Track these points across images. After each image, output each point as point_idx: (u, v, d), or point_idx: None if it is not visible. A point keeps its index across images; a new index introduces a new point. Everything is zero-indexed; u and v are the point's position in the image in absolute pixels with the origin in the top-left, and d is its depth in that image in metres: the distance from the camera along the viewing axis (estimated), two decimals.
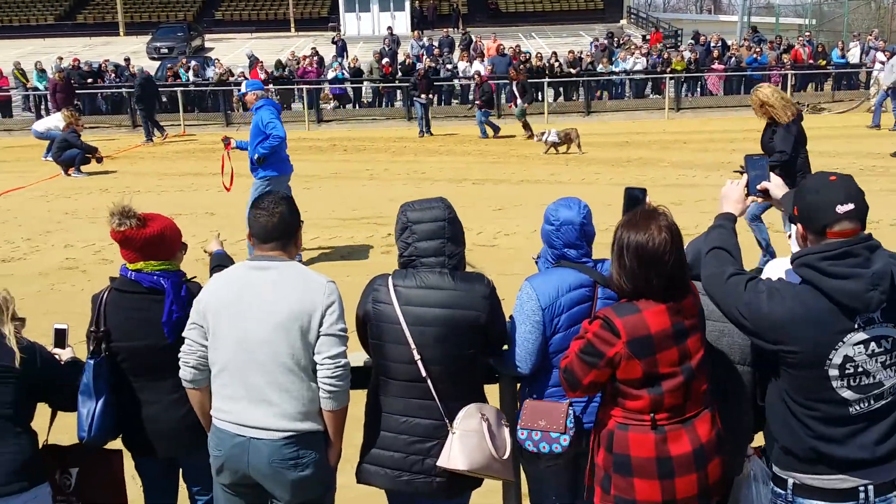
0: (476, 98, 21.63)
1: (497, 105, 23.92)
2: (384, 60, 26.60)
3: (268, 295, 3.13)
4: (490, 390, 3.52)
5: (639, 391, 2.82)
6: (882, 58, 22.71)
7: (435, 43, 30.71)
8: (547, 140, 17.58)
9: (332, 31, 36.56)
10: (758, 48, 27.08)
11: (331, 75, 26.37)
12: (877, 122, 19.85)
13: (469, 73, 25.29)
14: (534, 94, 22.91)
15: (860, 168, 14.15)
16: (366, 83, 27.05)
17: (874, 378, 2.62)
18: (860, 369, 2.60)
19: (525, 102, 20.66)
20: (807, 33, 34.29)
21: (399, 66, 26.80)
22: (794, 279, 2.69)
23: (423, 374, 3.15)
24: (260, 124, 8.85)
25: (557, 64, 26.41)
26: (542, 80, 25.03)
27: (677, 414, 2.83)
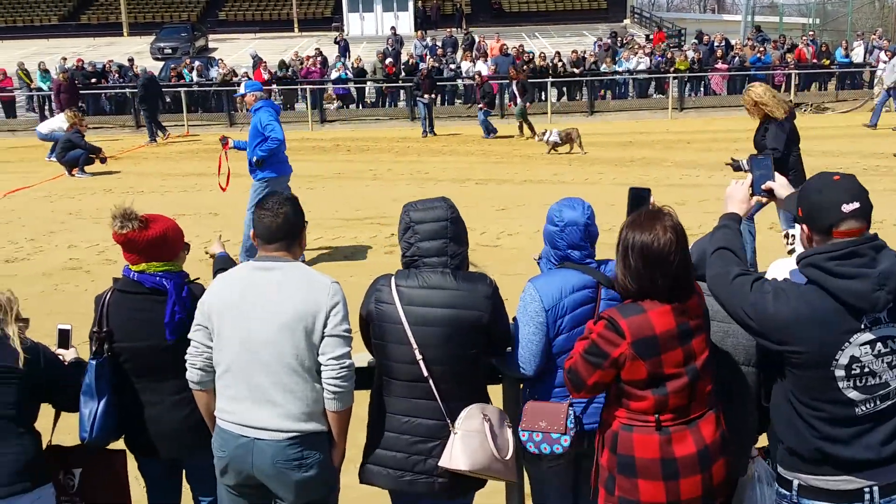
0: (478, 98, 21.63)
1: (501, 105, 23.93)
2: (387, 60, 26.62)
3: (272, 295, 3.13)
4: (494, 391, 3.52)
5: (643, 392, 2.81)
6: (885, 57, 22.67)
7: (438, 43, 30.71)
8: (549, 140, 17.58)
9: (336, 32, 36.56)
10: (761, 48, 27.03)
11: (334, 75, 26.39)
12: (874, 122, 19.66)
13: (472, 74, 25.27)
14: (534, 94, 22.88)
15: (863, 168, 14.12)
16: (369, 83, 27.07)
17: (880, 378, 2.61)
18: (866, 370, 2.59)
19: (525, 102, 20.64)
20: (810, 32, 34.32)
21: (402, 66, 26.80)
22: (799, 279, 2.68)
23: (425, 374, 3.15)
24: (259, 126, 8.84)
25: (561, 64, 26.40)
26: (546, 80, 25.02)
27: (682, 415, 2.82)
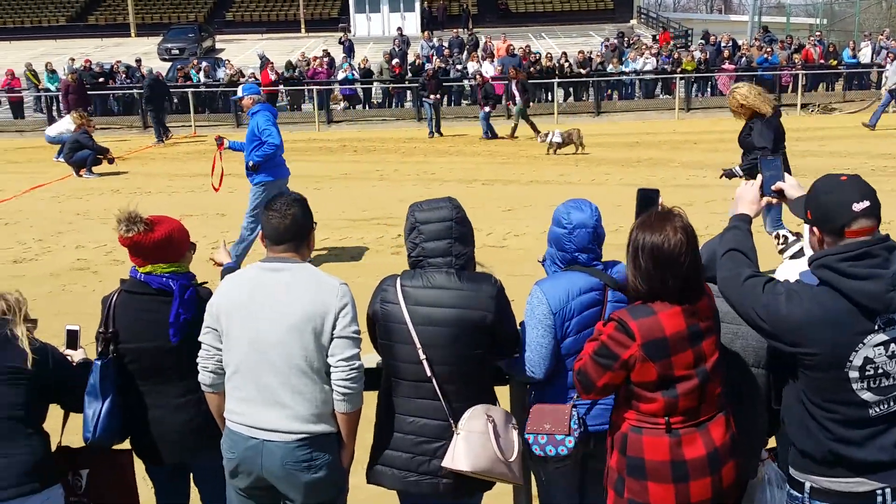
0: (479, 99, 21.62)
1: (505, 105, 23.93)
2: (394, 61, 26.64)
3: (280, 296, 3.12)
4: (502, 393, 3.50)
5: (653, 394, 2.79)
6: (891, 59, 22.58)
7: (445, 43, 30.72)
8: (551, 140, 17.60)
9: (342, 32, 36.58)
10: (768, 48, 26.98)
11: (341, 76, 26.41)
12: (873, 123, 19.48)
13: (473, 74, 25.25)
14: (535, 94, 22.78)
15: (871, 168, 14.07)
16: (376, 84, 27.09)
17: (894, 379, 2.59)
18: (880, 371, 2.58)
19: (525, 101, 20.56)
20: (818, 33, 34.16)
21: (409, 67, 26.82)
22: (810, 281, 2.66)
23: (429, 374, 3.14)
24: (256, 130, 8.86)
25: (567, 64, 26.38)
26: (552, 81, 24.97)
27: (692, 417, 2.80)
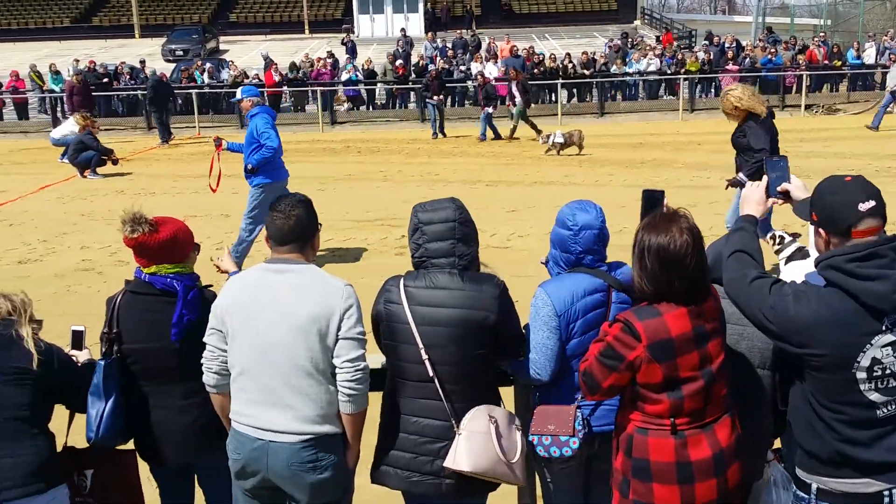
0: (480, 100, 21.61)
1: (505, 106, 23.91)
2: (398, 62, 26.66)
3: (285, 298, 3.12)
4: (506, 394, 3.50)
5: (659, 395, 2.79)
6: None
7: (448, 44, 30.73)
8: (554, 141, 17.63)
9: (346, 33, 36.62)
10: (772, 49, 26.94)
11: (344, 77, 26.43)
12: (876, 125, 19.45)
13: (474, 75, 25.25)
14: (536, 95, 22.75)
15: (876, 169, 14.04)
16: (379, 85, 27.12)
17: None
18: (888, 371, 2.57)
19: (525, 102, 20.54)
20: (822, 34, 34.12)
21: (413, 68, 26.83)
22: (817, 282, 2.66)
23: (431, 375, 3.14)
24: (255, 132, 8.86)
25: (571, 65, 26.37)
26: (556, 82, 24.96)
27: (697, 418, 2.80)
